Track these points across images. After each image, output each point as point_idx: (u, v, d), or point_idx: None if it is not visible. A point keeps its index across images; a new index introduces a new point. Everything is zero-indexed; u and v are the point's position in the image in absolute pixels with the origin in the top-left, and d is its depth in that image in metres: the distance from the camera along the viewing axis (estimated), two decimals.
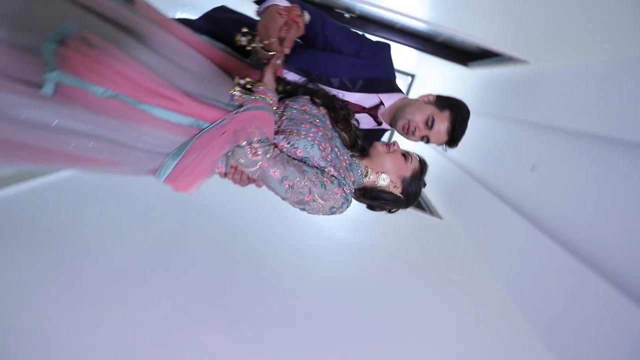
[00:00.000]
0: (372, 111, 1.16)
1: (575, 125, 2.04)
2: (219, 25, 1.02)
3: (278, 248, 1.85)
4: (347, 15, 2.87)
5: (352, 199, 0.90)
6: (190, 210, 1.93)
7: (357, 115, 1.08)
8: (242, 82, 0.89)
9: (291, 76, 1.05)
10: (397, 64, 6.87)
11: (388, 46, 1.13)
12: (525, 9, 1.96)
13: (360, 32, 1.13)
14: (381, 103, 1.14)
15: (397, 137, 1.26)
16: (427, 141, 1.12)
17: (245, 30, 0.89)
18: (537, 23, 2.07)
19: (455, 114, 1.09)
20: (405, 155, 0.98)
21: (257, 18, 0.92)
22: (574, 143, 2.07)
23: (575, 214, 1.95)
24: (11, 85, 0.66)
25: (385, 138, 1.29)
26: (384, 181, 0.95)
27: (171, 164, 0.82)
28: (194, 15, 1.13)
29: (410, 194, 1.00)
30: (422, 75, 6.64)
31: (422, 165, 1.02)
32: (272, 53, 0.84)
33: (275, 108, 0.86)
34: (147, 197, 1.93)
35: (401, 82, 8.05)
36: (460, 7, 2.15)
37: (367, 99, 1.12)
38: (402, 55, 4.57)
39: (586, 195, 1.91)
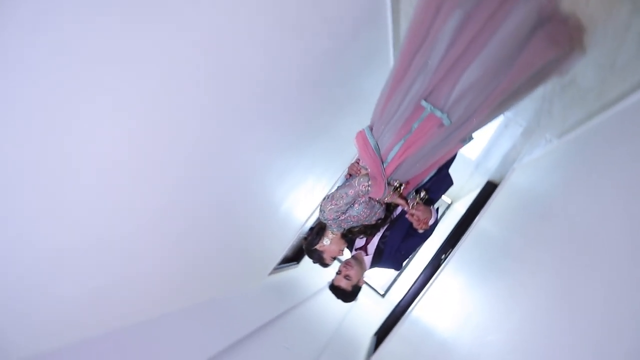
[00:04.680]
0: (364, 246, 1.91)
1: None
2: (436, 173, 1.75)
3: None
4: (443, 257, 3.57)
5: (322, 219, 1.63)
6: None
7: (362, 239, 1.83)
8: (401, 184, 1.62)
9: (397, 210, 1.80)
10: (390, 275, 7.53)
11: (401, 270, 1.88)
12: None
13: (411, 256, 1.88)
14: (367, 254, 1.88)
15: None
16: (337, 273, 1.85)
17: (427, 197, 1.63)
18: None
19: (350, 291, 1.82)
20: (336, 258, 1.74)
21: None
22: None
23: None
24: None
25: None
26: (325, 241, 1.70)
27: (368, 135, 1.55)
28: None
29: (310, 254, 1.75)
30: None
31: (325, 265, 1.77)
32: (410, 210, 1.58)
33: (382, 202, 1.60)
34: None
35: (382, 276, 8.93)
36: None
37: (371, 246, 1.87)
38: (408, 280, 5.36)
39: None
